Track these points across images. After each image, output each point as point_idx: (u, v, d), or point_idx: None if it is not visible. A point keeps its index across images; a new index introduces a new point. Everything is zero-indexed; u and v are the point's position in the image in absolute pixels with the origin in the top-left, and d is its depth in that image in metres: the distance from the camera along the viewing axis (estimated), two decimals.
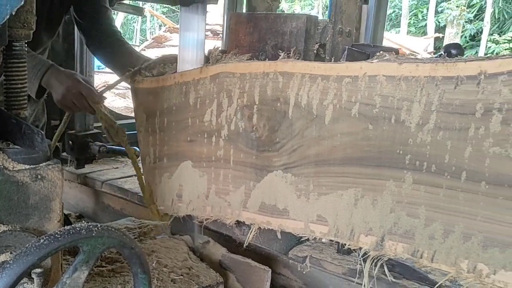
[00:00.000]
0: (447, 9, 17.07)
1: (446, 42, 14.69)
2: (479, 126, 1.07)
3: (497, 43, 16.33)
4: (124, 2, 2.97)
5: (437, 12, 17.72)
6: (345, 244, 1.32)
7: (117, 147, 2.11)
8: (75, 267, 0.89)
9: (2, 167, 0.97)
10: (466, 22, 17.33)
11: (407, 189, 1.19)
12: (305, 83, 1.33)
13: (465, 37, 17.57)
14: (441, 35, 16.09)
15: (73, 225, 0.86)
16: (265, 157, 1.45)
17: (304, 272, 1.55)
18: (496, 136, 1.05)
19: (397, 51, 1.29)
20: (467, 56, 1.18)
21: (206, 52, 1.64)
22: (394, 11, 19.54)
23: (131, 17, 20.66)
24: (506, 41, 16.20)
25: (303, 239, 1.48)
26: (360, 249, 1.30)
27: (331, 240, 1.41)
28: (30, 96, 1.83)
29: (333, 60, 1.39)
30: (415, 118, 1.15)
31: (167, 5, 15.48)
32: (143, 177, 1.87)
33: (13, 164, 0.99)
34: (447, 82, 1.10)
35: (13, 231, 0.99)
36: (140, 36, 22.03)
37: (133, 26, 23.10)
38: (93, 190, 2.46)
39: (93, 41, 2.17)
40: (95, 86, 2.11)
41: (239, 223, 1.59)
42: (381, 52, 1.23)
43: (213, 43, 1.89)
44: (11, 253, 0.97)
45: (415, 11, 19.36)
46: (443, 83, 1.11)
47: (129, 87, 1.90)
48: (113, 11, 2.33)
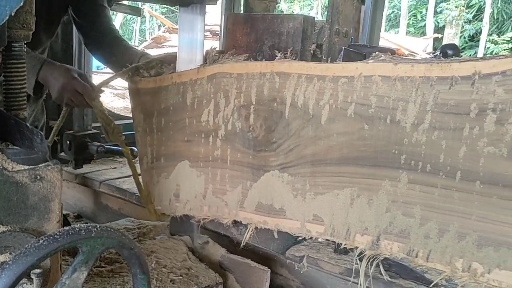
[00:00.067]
0: (446, 9, 17.09)
1: (445, 42, 14.69)
2: (474, 126, 1.08)
3: (496, 43, 16.35)
4: (122, 2, 2.97)
5: (436, 12, 17.73)
6: (341, 243, 1.33)
7: (115, 147, 2.11)
8: (74, 268, 0.89)
9: (1, 167, 0.97)
10: (465, 22, 17.34)
11: (403, 188, 1.20)
12: (302, 83, 1.33)
13: (464, 38, 17.59)
14: (440, 36, 16.09)
15: (72, 226, 0.87)
16: (262, 157, 1.45)
17: (301, 271, 1.55)
18: (490, 136, 1.06)
19: (393, 52, 1.29)
20: (462, 56, 1.19)
21: (205, 52, 1.64)
22: (393, 12, 19.56)
23: (130, 18, 20.63)
24: (505, 41, 16.23)
25: (300, 239, 1.49)
26: (356, 248, 1.30)
27: (327, 239, 1.41)
28: (29, 96, 1.84)
29: (329, 60, 1.40)
30: (410, 118, 1.16)
31: (166, 6, 15.46)
32: (140, 177, 1.88)
33: (12, 164, 0.99)
34: (442, 82, 1.11)
35: (12, 232, 0.99)
36: (139, 36, 22.03)
37: (132, 26, 23.10)
38: (91, 190, 2.47)
39: (92, 41, 2.17)
40: None
41: (236, 223, 1.59)
42: (377, 52, 1.24)
43: (212, 43, 1.89)
44: (10, 253, 0.97)
45: (414, 11, 19.39)
46: (438, 83, 1.11)
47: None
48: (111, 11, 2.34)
